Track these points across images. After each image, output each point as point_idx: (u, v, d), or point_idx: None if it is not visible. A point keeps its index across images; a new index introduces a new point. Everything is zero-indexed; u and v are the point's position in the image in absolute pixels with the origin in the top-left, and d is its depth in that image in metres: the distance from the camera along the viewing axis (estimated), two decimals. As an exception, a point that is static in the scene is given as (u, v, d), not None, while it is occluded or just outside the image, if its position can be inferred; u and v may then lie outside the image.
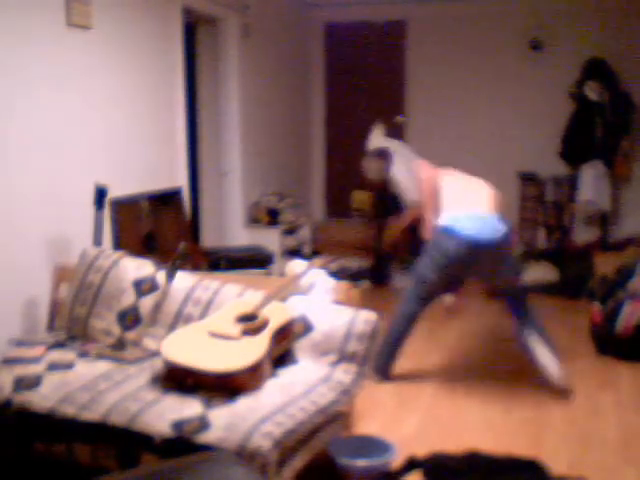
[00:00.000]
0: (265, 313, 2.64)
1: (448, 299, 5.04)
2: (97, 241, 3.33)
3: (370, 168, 5.49)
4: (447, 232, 3.45)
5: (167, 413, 2.22)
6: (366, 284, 5.63)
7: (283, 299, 2.82)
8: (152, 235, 4.07)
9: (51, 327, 3.13)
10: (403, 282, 5.59)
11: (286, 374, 2.55)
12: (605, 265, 5.10)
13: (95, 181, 3.42)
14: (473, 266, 3.55)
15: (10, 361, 2.62)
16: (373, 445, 2.72)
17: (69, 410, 2.30)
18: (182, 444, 2.12)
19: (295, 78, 6.63)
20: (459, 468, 2.67)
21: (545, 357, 3.53)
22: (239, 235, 5.49)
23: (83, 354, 2.72)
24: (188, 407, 2.25)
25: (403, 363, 3.97)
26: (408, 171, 5.16)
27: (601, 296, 4.28)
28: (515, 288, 3.68)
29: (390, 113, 6.59)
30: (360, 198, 6.87)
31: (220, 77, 5.26)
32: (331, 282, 3.11)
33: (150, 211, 4.15)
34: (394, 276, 5.79)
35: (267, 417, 2.19)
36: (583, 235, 6.16)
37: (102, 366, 2.62)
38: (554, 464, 2.81)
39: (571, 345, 4.29)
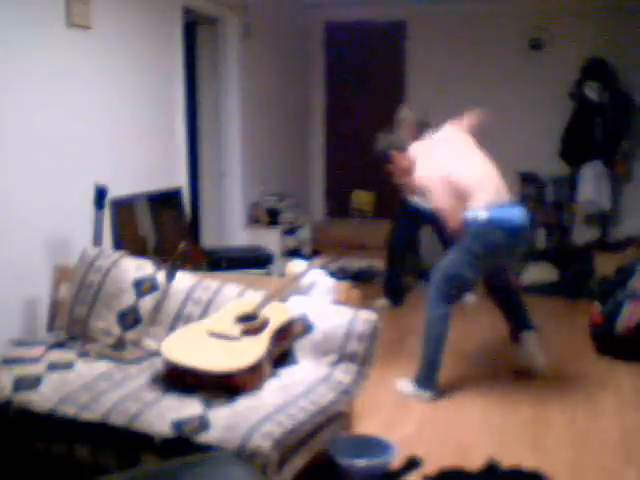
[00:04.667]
0: (265, 313, 2.64)
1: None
2: (97, 241, 3.33)
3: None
4: (491, 223, 3.34)
5: (167, 413, 2.22)
6: (384, 303, 5.17)
7: (283, 299, 2.82)
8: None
9: (51, 327, 3.12)
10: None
11: (286, 374, 2.55)
12: (605, 265, 5.10)
13: (95, 181, 3.42)
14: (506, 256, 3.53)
15: (10, 361, 2.62)
16: (373, 445, 2.72)
17: (69, 410, 2.30)
18: (182, 444, 2.12)
19: (295, 78, 6.63)
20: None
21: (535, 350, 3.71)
22: (239, 235, 5.49)
23: (83, 354, 2.72)
24: (188, 407, 2.25)
25: (403, 364, 3.97)
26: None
27: (601, 296, 4.28)
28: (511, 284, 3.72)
29: (390, 113, 6.58)
30: (360, 198, 6.88)
31: (220, 77, 5.25)
32: (331, 282, 3.11)
33: (150, 211, 4.15)
34: (415, 287, 5.52)
35: (267, 417, 2.19)
36: (583, 235, 6.16)
37: (102, 366, 2.62)
38: (554, 464, 2.81)
39: (571, 345, 4.29)
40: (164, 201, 4.32)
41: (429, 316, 3.50)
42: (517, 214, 3.45)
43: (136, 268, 2.98)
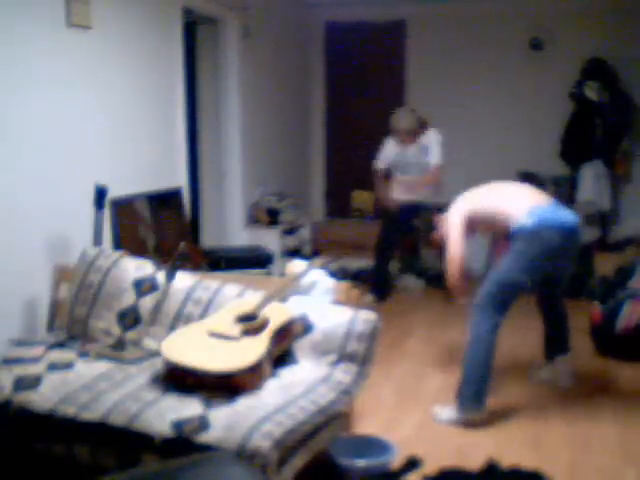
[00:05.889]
0: (265, 313, 2.64)
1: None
2: (97, 241, 3.33)
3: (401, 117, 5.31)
4: (540, 225, 3.23)
5: (167, 413, 2.22)
6: (370, 299, 5.14)
7: (283, 299, 2.82)
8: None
9: (51, 327, 3.13)
10: (411, 283, 5.68)
11: (286, 374, 2.55)
12: (605, 265, 5.10)
13: (95, 181, 3.42)
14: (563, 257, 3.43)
15: (10, 361, 2.62)
16: (373, 445, 2.72)
17: (69, 410, 2.30)
18: (182, 444, 2.12)
19: (295, 78, 6.63)
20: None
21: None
22: (239, 235, 5.49)
23: (83, 354, 2.72)
24: (188, 407, 2.25)
25: (403, 363, 3.97)
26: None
27: (601, 296, 4.28)
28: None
29: (390, 113, 6.58)
30: (360, 198, 6.88)
31: (220, 77, 5.26)
32: (331, 282, 3.11)
33: (150, 211, 4.15)
34: (401, 280, 5.71)
35: (267, 417, 2.19)
36: (583, 235, 6.14)
37: (102, 366, 2.62)
38: (554, 464, 2.81)
39: (571, 345, 4.28)
40: (164, 201, 4.32)
41: (475, 328, 3.24)
42: (565, 214, 3.37)
43: (136, 268, 2.98)
